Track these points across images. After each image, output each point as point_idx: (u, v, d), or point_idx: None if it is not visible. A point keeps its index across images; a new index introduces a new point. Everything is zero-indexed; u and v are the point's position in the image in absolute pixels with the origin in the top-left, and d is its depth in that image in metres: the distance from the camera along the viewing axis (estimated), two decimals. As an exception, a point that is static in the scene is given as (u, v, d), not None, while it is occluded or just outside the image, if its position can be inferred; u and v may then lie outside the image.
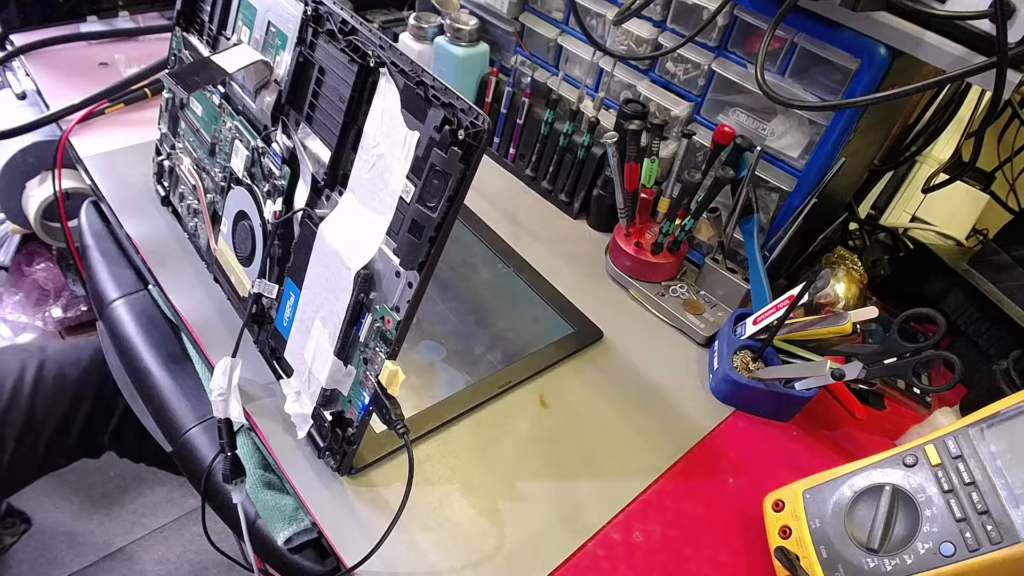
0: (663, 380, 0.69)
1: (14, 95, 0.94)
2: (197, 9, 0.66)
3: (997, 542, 0.43)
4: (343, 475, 0.55)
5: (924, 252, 0.83)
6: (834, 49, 0.61)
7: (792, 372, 0.63)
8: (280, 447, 0.57)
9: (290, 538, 0.54)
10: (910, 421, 0.69)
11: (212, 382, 0.56)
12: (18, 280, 1.23)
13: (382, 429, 0.57)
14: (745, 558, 0.55)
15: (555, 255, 0.81)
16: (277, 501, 0.55)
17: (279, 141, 0.57)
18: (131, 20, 1.09)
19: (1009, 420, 0.47)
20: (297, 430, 0.56)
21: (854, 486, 0.52)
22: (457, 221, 0.52)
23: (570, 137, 0.84)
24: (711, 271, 0.76)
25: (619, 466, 0.60)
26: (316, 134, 0.54)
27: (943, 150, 0.92)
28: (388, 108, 0.47)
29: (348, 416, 0.52)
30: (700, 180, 0.71)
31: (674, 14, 0.73)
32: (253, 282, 0.60)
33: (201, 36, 0.67)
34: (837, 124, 0.63)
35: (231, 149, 0.63)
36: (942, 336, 0.55)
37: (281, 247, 0.58)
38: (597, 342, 0.71)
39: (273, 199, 0.58)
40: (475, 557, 0.52)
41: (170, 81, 0.55)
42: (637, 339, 0.73)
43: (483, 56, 0.91)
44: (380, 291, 0.48)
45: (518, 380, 0.65)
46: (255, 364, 0.62)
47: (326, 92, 0.52)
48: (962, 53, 0.53)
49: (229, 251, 0.65)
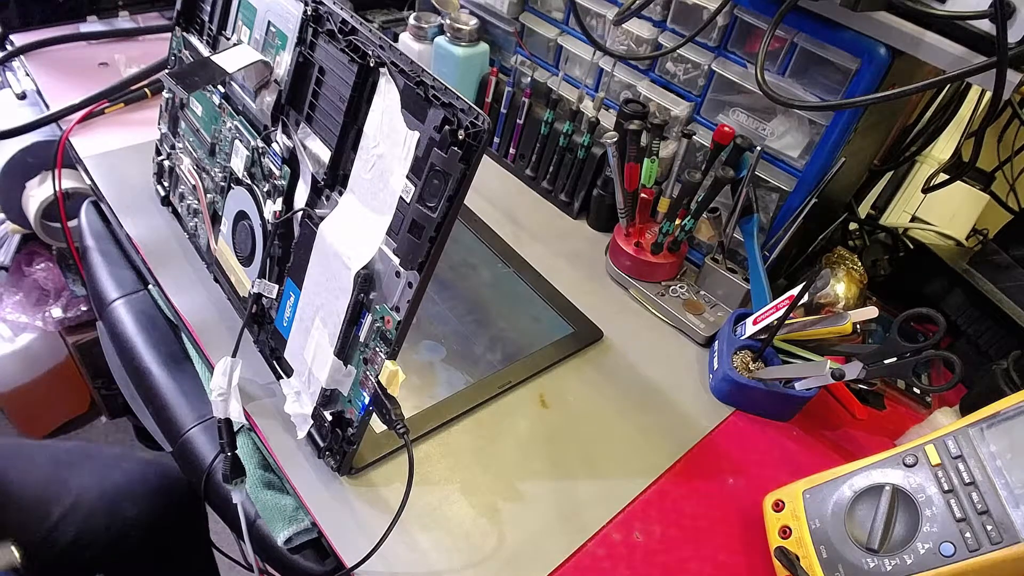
0: (663, 380, 0.69)
1: (14, 95, 0.94)
2: (197, 9, 0.66)
3: (997, 542, 0.43)
4: (343, 475, 0.55)
5: (924, 252, 0.83)
6: (834, 49, 0.61)
7: (792, 372, 0.63)
8: (280, 447, 0.57)
9: (290, 538, 0.54)
10: (910, 421, 0.69)
11: (212, 382, 0.57)
12: (18, 280, 1.23)
13: (382, 429, 0.57)
14: (745, 558, 0.55)
15: (555, 255, 0.81)
16: (277, 501, 0.55)
17: (279, 141, 0.57)
18: (131, 20, 1.09)
19: (1009, 420, 0.47)
20: (297, 430, 0.56)
21: (854, 486, 0.52)
22: (457, 221, 0.52)
23: (570, 137, 0.84)
24: (711, 271, 0.76)
25: (619, 466, 0.60)
26: (316, 134, 0.54)
27: (943, 150, 0.92)
28: (388, 108, 0.47)
29: (348, 416, 0.52)
30: (700, 180, 0.71)
31: (674, 14, 0.73)
32: (253, 282, 0.60)
33: (201, 36, 0.67)
34: (837, 124, 0.63)
35: (231, 149, 0.63)
36: (942, 336, 0.55)
37: (281, 247, 0.57)
38: (597, 342, 0.71)
39: (273, 199, 0.58)
40: (475, 557, 0.52)
41: (170, 81, 0.55)
42: (637, 339, 0.73)
43: (483, 56, 0.91)
44: (380, 291, 0.48)
45: (518, 380, 0.65)
46: (255, 364, 0.62)
47: (326, 92, 0.52)
48: (962, 53, 0.53)
49: (229, 251, 0.65)
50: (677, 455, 0.62)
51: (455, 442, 0.59)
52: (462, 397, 0.63)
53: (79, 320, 1.27)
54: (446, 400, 0.62)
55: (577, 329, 0.72)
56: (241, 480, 0.55)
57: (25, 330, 1.25)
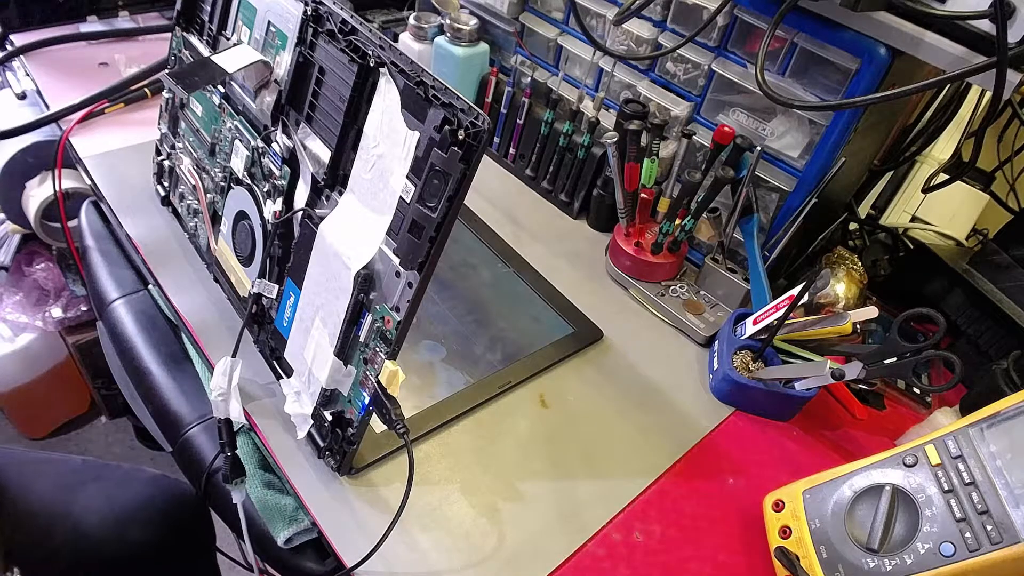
0: (663, 380, 0.69)
1: (14, 95, 0.94)
2: (197, 9, 0.66)
3: (997, 542, 0.43)
4: (343, 475, 0.55)
5: (924, 252, 0.83)
6: (834, 49, 0.61)
7: (792, 372, 0.63)
8: (280, 447, 0.57)
9: (290, 538, 0.54)
10: (910, 421, 0.69)
11: (212, 382, 0.57)
12: (18, 280, 1.23)
13: (382, 429, 0.57)
14: (745, 558, 0.55)
15: (555, 255, 0.81)
16: (277, 501, 0.55)
17: (279, 141, 0.57)
18: (131, 20, 1.09)
19: (1009, 420, 0.47)
20: (297, 430, 0.56)
21: (854, 486, 0.52)
22: (457, 221, 0.52)
23: (570, 137, 0.84)
24: (711, 271, 0.76)
25: (619, 466, 0.60)
26: (316, 134, 0.54)
27: (943, 150, 0.92)
28: (388, 108, 0.47)
29: (348, 416, 0.52)
30: (700, 180, 0.71)
31: (674, 14, 0.73)
32: (253, 282, 0.60)
33: (201, 36, 0.67)
34: (837, 124, 0.63)
35: (231, 149, 0.63)
36: (942, 336, 0.55)
37: (281, 247, 0.57)
38: (597, 342, 0.71)
39: (273, 199, 0.58)
40: (475, 557, 0.52)
41: (170, 81, 0.55)
42: (637, 339, 0.73)
43: (483, 56, 0.91)
44: (380, 291, 0.48)
45: (518, 380, 0.65)
46: (255, 364, 0.62)
47: (326, 92, 0.52)
48: (962, 53, 0.53)
49: (229, 251, 0.65)
50: (677, 455, 0.62)
51: (455, 442, 0.59)
52: (462, 397, 0.63)
53: (79, 320, 1.27)
54: (446, 400, 0.62)
55: (577, 329, 0.72)
56: (241, 480, 0.55)
57: (25, 330, 1.25)
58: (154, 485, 0.77)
